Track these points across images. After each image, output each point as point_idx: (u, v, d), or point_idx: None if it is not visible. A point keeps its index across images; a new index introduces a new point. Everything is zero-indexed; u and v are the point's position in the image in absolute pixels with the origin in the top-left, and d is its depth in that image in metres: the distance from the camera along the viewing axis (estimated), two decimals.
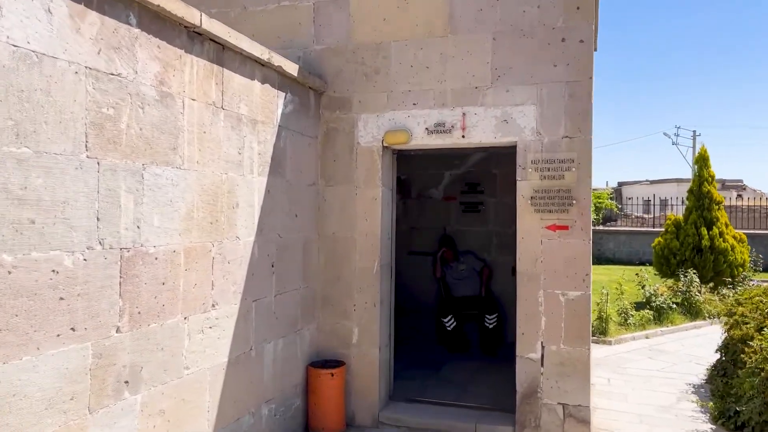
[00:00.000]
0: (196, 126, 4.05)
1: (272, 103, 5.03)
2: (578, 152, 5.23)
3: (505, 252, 8.38)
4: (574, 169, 5.23)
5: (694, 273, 11.99)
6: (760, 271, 15.67)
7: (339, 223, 5.82)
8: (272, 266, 5.03)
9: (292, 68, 5.20)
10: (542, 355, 5.31)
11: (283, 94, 5.20)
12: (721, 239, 12.87)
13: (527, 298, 5.36)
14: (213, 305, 4.25)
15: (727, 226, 13.15)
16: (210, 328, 4.22)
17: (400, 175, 8.76)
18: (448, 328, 8.02)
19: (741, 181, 38.21)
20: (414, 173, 8.68)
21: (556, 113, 5.28)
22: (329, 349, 5.84)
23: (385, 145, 5.71)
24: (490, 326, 7.98)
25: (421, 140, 5.62)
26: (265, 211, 4.91)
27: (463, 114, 5.51)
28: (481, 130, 5.47)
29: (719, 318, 11.70)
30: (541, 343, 5.31)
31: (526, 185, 5.36)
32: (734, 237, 13.12)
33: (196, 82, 4.05)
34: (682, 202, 26.16)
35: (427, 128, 5.60)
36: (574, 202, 5.23)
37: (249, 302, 4.70)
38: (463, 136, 5.52)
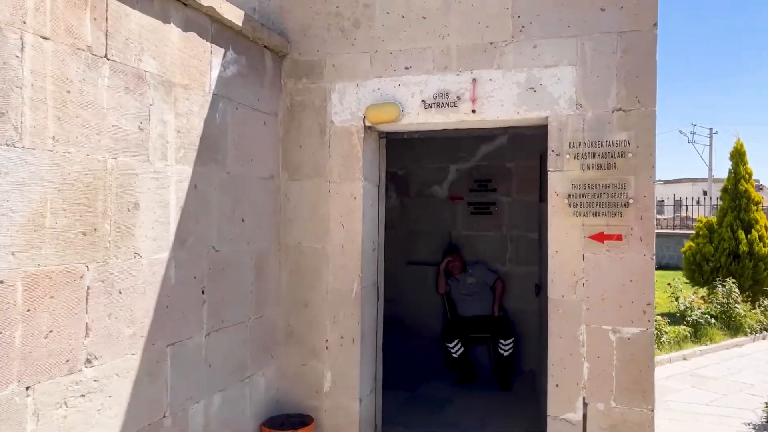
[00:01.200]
0: (50, 81, 2.48)
1: (201, 61, 3.46)
2: (636, 131, 3.64)
3: (523, 262, 6.79)
4: (630, 154, 3.63)
5: (733, 282, 10.33)
6: None
7: (306, 230, 4.25)
8: (202, 292, 3.46)
9: (232, 14, 3.62)
10: (584, 416, 3.71)
11: (221, 50, 3.63)
12: (761, 244, 11.19)
13: (562, 336, 3.77)
14: (88, 361, 2.68)
15: (767, 228, 11.47)
16: (82, 396, 2.65)
17: (397, 169, 7.19)
18: (454, 355, 6.44)
19: (758, 180, 36.37)
20: (413, 167, 7.12)
21: (605, 77, 3.69)
22: (293, 401, 4.26)
23: (368, 124, 4.13)
24: (506, 353, 6.39)
25: (417, 117, 4.04)
26: (188, 215, 3.34)
27: (474, 80, 3.92)
28: (497, 103, 3.88)
29: (763, 333, 10.17)
30: (583, 399, 3.71)
31: (561, 179, 3.77)
32: None
33: (50, 11, 2.49)
34: (698, 202, 24.79)
35: (424, 101, 4.01)
36: (631, 201, 3.64)
37: (160, 348, 3.12)
38: (473, 111, 3.93)
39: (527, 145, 6.72)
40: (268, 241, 4.14)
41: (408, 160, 7.14)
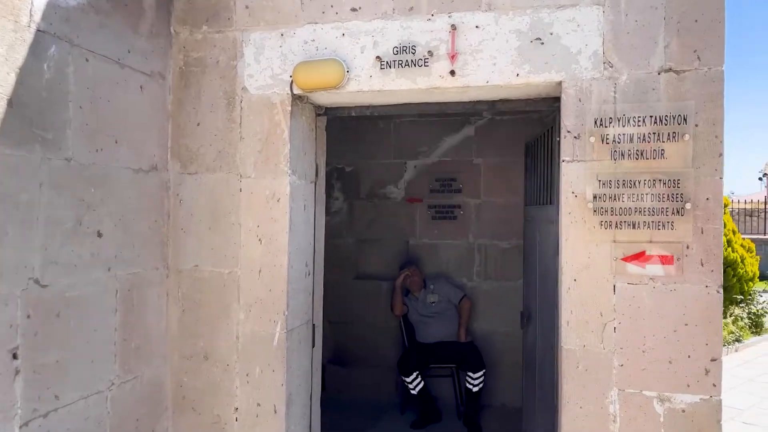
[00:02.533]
0: None
1: None
2: (696, 101, 2.39)
3: (493, 275, 5.53)
4: (686, 136, 2.38)
5: None
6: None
7: (207, 247, 2.83)
8: (14, 357, 2.03)
9: None
10: None
11: None
12: (729, 249, 10.32)
13: (582, 404, 2.47)
14: None
15: (734, 233, 10.61)
16: None
17: (344, 165, 5.81)
18: (413, 392, 5.12)
19: None
20: (363, 163, 5.77)
21: (647, 22, 2.42)
22: None
23: (297, 92, 2.75)
24: (475, 389, 5.10)
25: (370, 82, 2.68)
26: None
27: (453, 27, 2.59)
28: (488, 61, 2.55)
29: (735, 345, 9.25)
30: None
31: (581, 172, 2.47)
32: (742, 245, 10.60)
33: None
34: None
35: (380, 57, 2.66)
36: (687, 206, 2.38)
37: None
38: (452, 73, 2.59)
39: (499, 136, 5.46)
40: (146, 265, 2.70)
41: (357, 154, 5.76)
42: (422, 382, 5.12)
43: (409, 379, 5.07)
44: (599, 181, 2.44)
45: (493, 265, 5.54)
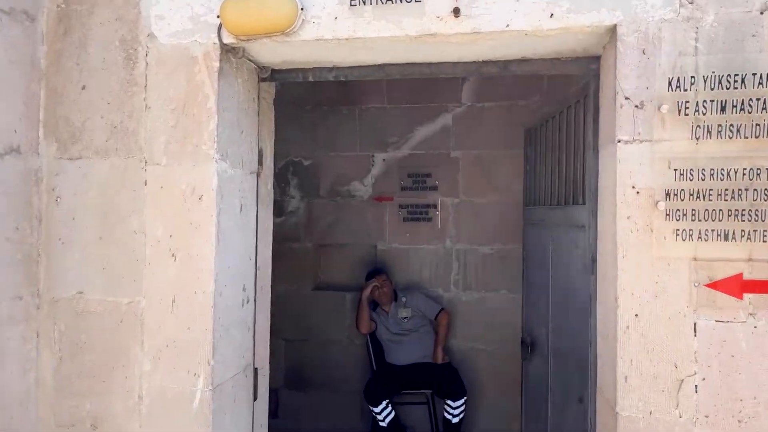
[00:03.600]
0: None
1: None
2: None
3: (473, 285, 4.70)
4: None
5: None
6: None
7: (95, 266, 1.88)
8: None
9: None
10: None
11: None
12: None
13: None
14: None
15: None
16: None
17: (301, 158, 4.90)
18: (382, 423, 4.26)
19: None
20: (323, 155, 4.85)
21: None
22: None
23: (229, 41, 1.84)
24: (455, 419, 4.27)
25: (334, 25, 1.78)
26: None
27: None
28: None
29: None
30: None
31: (645, 157, 1.62)
32: None
33: None
34: None
35: None
36: None
37: None
38: (455, 12, 1.73)
39: (482, 126, 4.64)
40: (1, 293, 1.77)
41: (316, 145, 4.86)
42: (393, 412, 4.27)
43: (377, 409, 4.21)
44: (674, 170, 1.62)
45: (473, 274, 4.72)
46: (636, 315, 1.64)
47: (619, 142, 1.66)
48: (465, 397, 4.26)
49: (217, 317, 1.85)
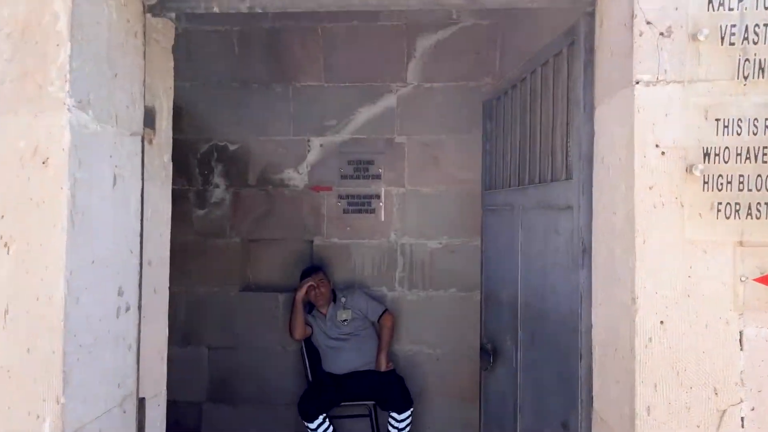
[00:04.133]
0: None
1: None
2: None
3: (420, 284, 4.21)
4: None
5: None
6: None
7: None
8: None
9: None
10: None
11: None
12: None
13: None
14: None
15: None
16: None
17: (227, 142, 4.29)
18: None
19: None
20: (251, 140, 4.22)
21: None
22: None
23: None
24: None
25: None
26: None
27: None
28: None
29: None
30: None
31: (675, 104, 1.16)
32: None
33: None
34: None
35: None
36: None
37: None
38: None
39: (429, 109, 4.15)
40: None
41: (243, 128, 4.26)
42: (331, 427, 3.74)
43: (313, 426, 3.67)
44: (714, 122, 1.16)
45: (420, 271, 4.24)
46: (661, 322, 1.18)
47: (637, 83, 1.18)
48: (411, 409, 3.78)
49: (72, 334, 1.26)
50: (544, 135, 1.87)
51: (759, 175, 1.15)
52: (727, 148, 1.15)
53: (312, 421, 3.65)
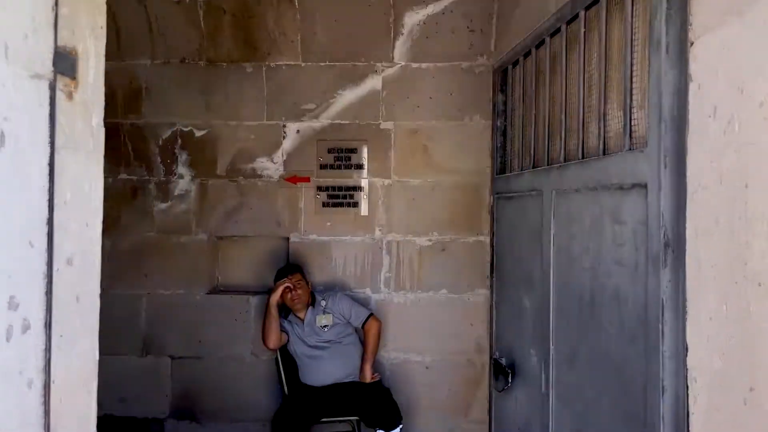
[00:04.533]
0: None
1: None
2: None
3: (409, 285, 3.78)
4: None
5: None
6: None
7: None
8: None
9: None
10: None
11: None
12: None
13: None
14: None
15: None
16: None
17: (193, 128, 3.80)
18: None
19: None
20: (219, 125, 3.69)
21: None
22: None
23: None
24: None
25: None
26: None
27: None
28: None
29: None
30: None
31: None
32: None
33: None
34: None
35: None
36: None
37: None
38: None
39: (418, 91, 3.72)
40: None
41: (211, 112, 3.78)
42: None
43: None
44: None
45: (408, 270, 3.82)
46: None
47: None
48: (401, 425, 3.35)
49: None
50: (590, 97, 1.45)
51: None
52: None
53: None
